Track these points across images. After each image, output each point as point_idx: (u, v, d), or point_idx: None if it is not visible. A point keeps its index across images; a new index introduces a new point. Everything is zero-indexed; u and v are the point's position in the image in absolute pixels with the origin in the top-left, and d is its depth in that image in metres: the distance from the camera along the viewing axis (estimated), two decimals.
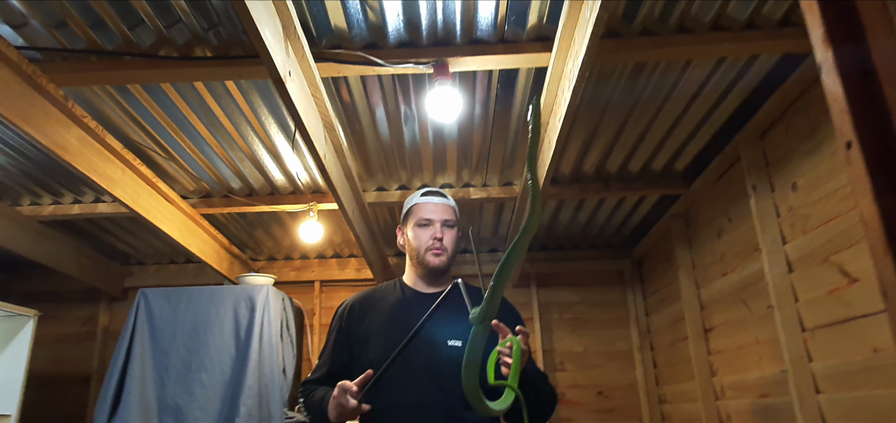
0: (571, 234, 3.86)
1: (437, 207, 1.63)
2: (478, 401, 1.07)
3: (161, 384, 2.97)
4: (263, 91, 2.12)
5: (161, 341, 3.05)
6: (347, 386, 1.35)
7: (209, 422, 2.89)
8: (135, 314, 3.07)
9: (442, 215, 1.62)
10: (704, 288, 3.04)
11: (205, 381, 2.97)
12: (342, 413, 1.38)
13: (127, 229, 3.46)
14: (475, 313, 1.01)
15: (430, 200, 1.64)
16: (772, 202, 2.30)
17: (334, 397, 1.39)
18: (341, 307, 1.70)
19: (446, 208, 1.63)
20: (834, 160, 1.92)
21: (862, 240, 1.81)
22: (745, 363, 2.66)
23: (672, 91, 2.15)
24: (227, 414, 2.89)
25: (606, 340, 4.01)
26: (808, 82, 1.97)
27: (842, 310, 1.93)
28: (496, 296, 0.96)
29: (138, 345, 3.00)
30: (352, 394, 1.34)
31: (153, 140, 2.43)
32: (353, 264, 4.05)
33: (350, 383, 1.36)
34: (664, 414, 3.79)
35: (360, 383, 1.36)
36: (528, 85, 2.14)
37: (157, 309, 3.11)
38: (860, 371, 1.86)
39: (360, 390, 1.36)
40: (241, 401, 2.84)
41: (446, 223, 1.60)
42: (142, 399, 2.89)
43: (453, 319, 1.50)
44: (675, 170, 2.88)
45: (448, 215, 1.62)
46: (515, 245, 0.93)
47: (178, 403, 2.93)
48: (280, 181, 2.88)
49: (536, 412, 1.51)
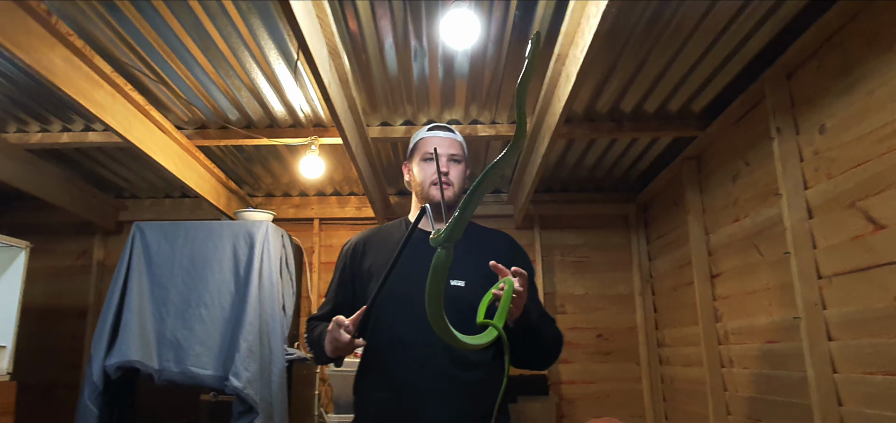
0: (578, 176, 3.77)
1: (444, 141, 1.59)
2: (444, 331, 1.02)
3: (159, 318, 2.92)
4: (264, 13, 1.97)
5: (158, 275, 2.98)
6: (341, 321, 1.37)
7: (209, 357, 2.86)
8: (130, 248, 2.98)
9: (448, 148, 1.58)
10: (714, 233, 2.98)
11: (204, 316, 2.92)
12: (337, 348, 1.40)
13: (119, 160, 3.34)
14: (437, 235, 0.93)
15: (436, 134, 1.61)
16: (795, 145, 2.20)
17: (329, 331, 1.41)
18: (346, 246, 1.69)
19: (453, 143, 1.59)
20: (870, 100, 1.82)
21: (893, 185, 1.73)
22: (753, 308, 2.63)
23: (701, 22, 2.02)
24: (227, 350, 2.85)
25: (608, 283, 3.98)
26: (848, 15, 1.85)
27: (864, 257, 1.87)
28: (463, 218, 0.89)
29: (135, 279, 2.93)
30: (345, 329, 1.36)
31: (144, 64, 2.28)
32: (353, 201, 3.96)
33: (344, 318, 1.38)
34: (662, 358, 3.80)
35: (353, 318, 1.37)
36: (549, 11, 2.00)
37: (154, 243, 3.02)
38: (879, 319, 1.82)
39: (353, 325, 1.37)
40: (241, 337, 2.79)
41: (453, 158, 1.57)
42: (141, 333, 2.84)
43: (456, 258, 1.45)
44: (692, 111, 2.77)
45: (455, 150, 1.58)
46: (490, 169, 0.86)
47: (178, 338, 2.89)
48: (280, 113, 2.75)
49: (536, 354, 1.50)
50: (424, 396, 1.42)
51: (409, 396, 1.44)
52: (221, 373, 2.83)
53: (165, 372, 2.85)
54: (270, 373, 2.88)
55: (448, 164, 1.56)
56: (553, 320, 1.57)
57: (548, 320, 1.54)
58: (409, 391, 1.44)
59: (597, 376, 3.85)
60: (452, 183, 1.55)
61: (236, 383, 2.71)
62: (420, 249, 1.49)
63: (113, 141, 2.77)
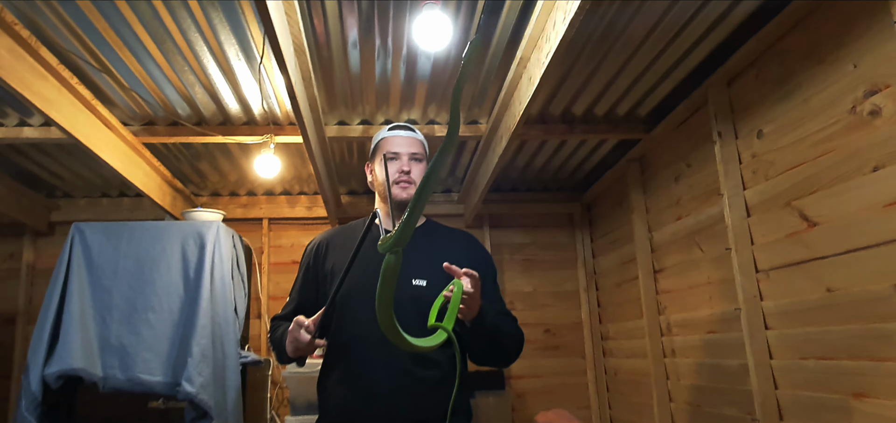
0: (526, 176, 3.88)
1: (405, 140, 1.62)
2: (393, 334, 1.05)
3: (103, 323, 2.78)
4: (227, 9, 1.92)
5: (101, 278, 2.83)
6: (301, 321, 1.39)
7: (158, 363, 2.75)
8: (69, 250, 2.82)
9: (409, 148, 1.61)
10: (657, 231, 3.15)
11: (152, 321, 2.80)
12: (298, 348, 1.41)
13: (54, 157, 3.14)
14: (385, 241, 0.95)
15: (397, 134, 1.63)
16: (735, 149, 2.37)
17: (289, 331, 1.42)
18: (310, 245, 1.71)
19: (414, 142, 1.63)
20: (804, 108, 1.99)
21: (826, 185, 1.90)
22: (695, 301, 2.80)
23: (652, 32, 2.14)
24: (177, 354, 2.76)
25: (555, 280, 4.12)
26: (786, 28, 2.02)
27: (799, 252, 2.04)
28: (409, 224, 0.91)
29: (76, 283, 2.77)
30: (306, 329, 1.37)
31: (92, 55, 2.17)
32: (303, 201, 3.90)
33: (304, 318, 1.39)
34: (606, 350, 3.97)
35: (314, 319, 1.39)
36: (513, 16, 2.06)
37: (95, 245, 2.88)
38: (812, 310, 1.99)
39: (313, 325, 1.39)
40: (193, 341, 2.70)
41: (414, 157, 1.60)
42: (83, 339, 2.70)
43: (419, 258, 1.50)
44: (639, 114, 2.92)
45: (416, 149, 1.61)
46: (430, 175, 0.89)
47: (124, 344, 2.76)
48: (234, 110, 2.68)
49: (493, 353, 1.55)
50: (386, 393, 1.45)
51: (371, 393, 1.46)
52: (171, 379, 2.74)
53: (110, 380, 2.72)
54: (224, 377, 2.80)
55: (410, 163, 1.59)
56: (514, 318, 1.61)
57: (509, 320, 1.58)
58: (370, 388, 1.46)
59: (544, 370, 3.97)
60: (414, 182, 1.58)
61: (189, 388, 2.62)
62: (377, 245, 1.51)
63: (51, 137, 2.61)
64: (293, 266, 3.88)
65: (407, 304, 1.44)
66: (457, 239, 1.70)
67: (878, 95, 1.68)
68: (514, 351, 1.58)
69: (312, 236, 3.92)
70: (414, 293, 1.48)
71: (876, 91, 1.69)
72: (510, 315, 1.61)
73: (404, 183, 1.57)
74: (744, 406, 2.37)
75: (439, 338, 1.18)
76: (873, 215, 1.72)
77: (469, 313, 1.34)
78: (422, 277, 1.51)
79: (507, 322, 1.56)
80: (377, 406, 1.44)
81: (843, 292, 1.85)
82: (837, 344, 1.88)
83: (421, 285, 1.51)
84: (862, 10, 1.72)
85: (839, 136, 1.84)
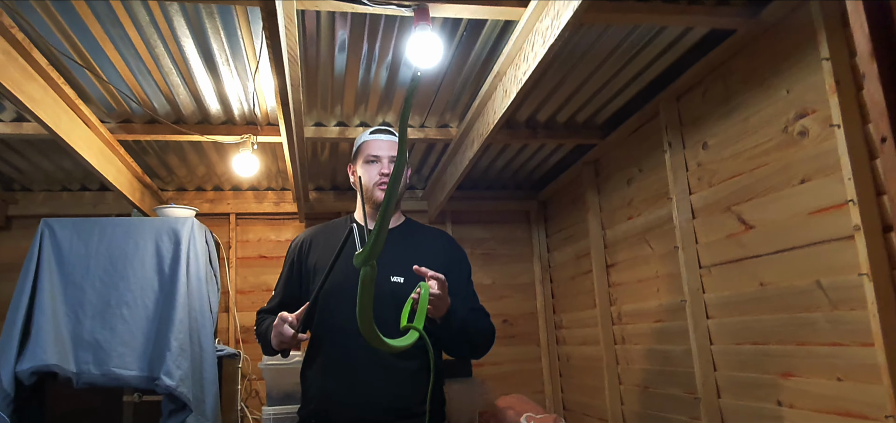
0: (488, 176, 4.08)
1: (386, 144, 1.72)
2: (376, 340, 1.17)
3: (75, 319, 2.78)
4: (224, 15, 2.00)
5: (72, 275, 2.83)
6: (286, 317, 1.48)
7: (134, 357, 2.78)
8: (39, 246, 2.80)
9: (389, 151, 1.70)
10: (610, 229, 3.42)
11: (126, 316, 2.83)
12: (282, 342, 1.50)
13: (16, 150, 3.08)
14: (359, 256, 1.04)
15: (378, 137, 1.73)
16: (683, 157, 2.65)
17: (274, 325, 1.51)
18: (295, 241, 1.81)
19: (394, 145, 1.72)
20: (744, 125, 2.27)
21: (761, 194, 2.18)
22: (644, 293, 3.08)
23: (615, 50, 2.37)
24: (154, 349, 2.79)
25: (512, 273, 4.35)
26: (730, 53, 2.29)
27: (736, 251, 2.33)
28: (379, 239, 1.01)
29: (46, 279, 2.76)
30: (289, 324, 1.47)
31: (75, 49, 2.18)
32: (270, 196, 3.96)
33: (288, 314, 1.49)
34: (559, 338, 4.24)
35: (297, 314, 1.49)
36: (493, 35, 2.24)
37: (65, 241, 2.86)
38: (747, 301, 2.28)
39: (297, 320, 1.48)
40: (171, 335, 2.75)
41: (394, 160, 1.66)
42: (56, 335, 2.69)
43: (397, 255, 1.64)
44: (596, 122, 3.16)
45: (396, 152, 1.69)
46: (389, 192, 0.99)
47: (97, 339, 2.77)
48: (214, 110, 2.73)
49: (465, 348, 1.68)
50: (366, 381, 1.56)
51: (351, 382, 1.57)
52: (148, 373, 2.78)
53: (85, 375, 2.73)
54: (202, 370, 2.87)
55: (389, 165, 1.69)
56: (486, 314, 1.74)
57: (481, 315, 1.72)
58: (350, 377, 1.57)
59: (502, 357, 4.20)
60: None
61: (169, 381, 2.68)
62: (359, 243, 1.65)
63: (24, 132, 2.59)
64: (260, 261, 3.94)
65: (386, 299, 1.56)
66: (434, 238, 1.83)
67: (807, 118, 1.97)
68: (484, 344, 1.71)
69: (280, 230, 4.00)
70: (392, 290, 1.60)
71: (805, 114, 1.98)
72: (483, 311, 1.74)
73: (384, 185, 1.68)
74: (687, 387, 2.66)
75: (412, 337, 1.31)
76: (800, 220, 2.01)
77: (437, 312, 1.46)
78: (400, 274, 1.63)
79: (479, 318, 1.70)
80: (357, 394, 1.56)
81: (774, 287, 2.14)
82: (768, 331, 2.17)
83: (399, 281, 1.63)
84: (795, 44, 2.00)
85: (773, 151, 2.13)
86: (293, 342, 1.51)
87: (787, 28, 2.03)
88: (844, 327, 1.85)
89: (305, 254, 1.74)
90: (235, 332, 3.76)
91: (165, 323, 2.81)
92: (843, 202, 1.80)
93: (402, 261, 1.64)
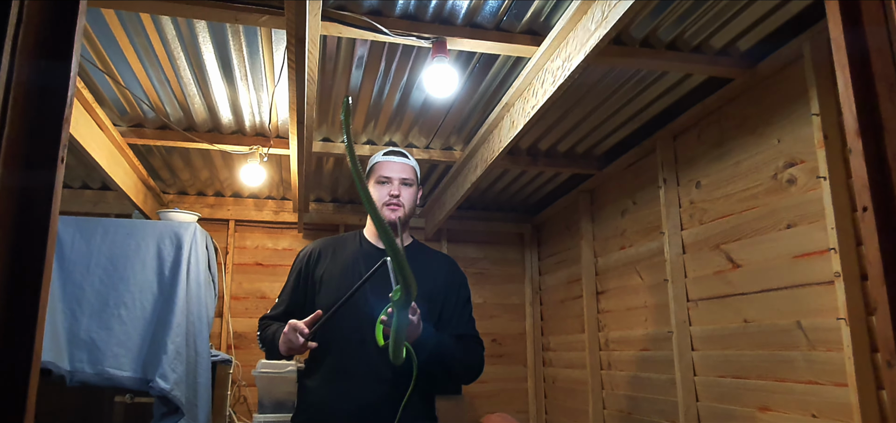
0: (484, 198, 4.17)
1: (397, 165, 1.76)
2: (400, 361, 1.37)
3: (72, 317, 2.81)
4: (249, 35, 2.09)
5: (72, 273, 2.86)
6: (298, 326, 1.53)
7: (129, 358, 2.81)
8: None
9: (400, 173, 1.75)
10: (602, 257, 3.53)
11: (124, 317, 2.86)
12: (291, 349, 1.55)
13: None
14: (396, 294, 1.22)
15: (391, 159, 1.77)
16: (676, 194, 2.76)
17: (285, 333, 1.56)
18: (303, 252, 1.85)
19: (405, 167, 1.76)
20: (736, 169, 2.39)
21: (749, 235, 2.30)
22: (632, 322, 3.18)
23: (618, 89, 2.49)
24: (149, 351, 2.83)
25: (503, 293, 4.44)
26: (724, 100, 2.42)
27: (723, 288, 2.45)
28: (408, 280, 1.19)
29: None
30: (301, 333, 1.52)
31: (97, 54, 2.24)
32: (270, 205, 4.02)
33: (300, 323, 1.53)
34: (546, 360, 4.33)
35: (309, 323, 1.53)
36: (504, 69, 2.35)
37: (68, 238, 2.89)
38: (731, 336, 2.39)
39: (309, 329, 1.53)
40: (168, 339, 2.78)
41: (404, 182, 1.74)
42: (51, 333, 2.72)
43: None
44: (595, 153, 3.28)
45: (407, 174, 1.75)
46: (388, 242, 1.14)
47: (93, 338, 2.80)
48: (226, 120, 2.80)
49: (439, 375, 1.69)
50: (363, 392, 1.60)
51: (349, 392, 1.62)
52: (141, 375, 2.80)
53: (78, 373, 2.75)
54: (196, 374, 2.90)
55: (399, 187, 1.73)
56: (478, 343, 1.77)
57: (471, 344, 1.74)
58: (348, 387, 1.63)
59: (490, 376, 4.27)
60: (403, 204, 1.73)
61: (163, 384, 2.71)
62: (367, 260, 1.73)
63: None
64: (256, 268, 3.99)
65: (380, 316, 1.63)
66: (436, 261, 1.87)
67: (795, 167, 2.09)
68: (463, 374, 1.75)
69: (277, 239, 4.05)
70: None
71: (793, 164, 2.10)
72: (474, 339, 1.78)
73: (393, 206, 1.72)
74: (669, 415, 2.76)
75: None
76: (784, 263, 2.13)
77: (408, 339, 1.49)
78: None
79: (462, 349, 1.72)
80: (354, 403, 1.60)
81: (757, 324, 2.25)
82: (749, 366, 2.28)
83: None
84: (788, 97, 2.13)
85: (762, 196, 2.25)
86: (303, 350, 1.57)
87: (780, 81, 2.16)
88: (821, 366, 1.96)
89: (313, 265, 1.79)
90: (228, 337, 3.79)
91: (163, 326, 2.85)
92: (826, 249, 1.92)
93: None
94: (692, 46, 2.13)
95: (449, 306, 1.74)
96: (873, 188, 0.89)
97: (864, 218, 0.91)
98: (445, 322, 1.72)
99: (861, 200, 0.91)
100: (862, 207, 0.91)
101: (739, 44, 2.13)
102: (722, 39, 2.10)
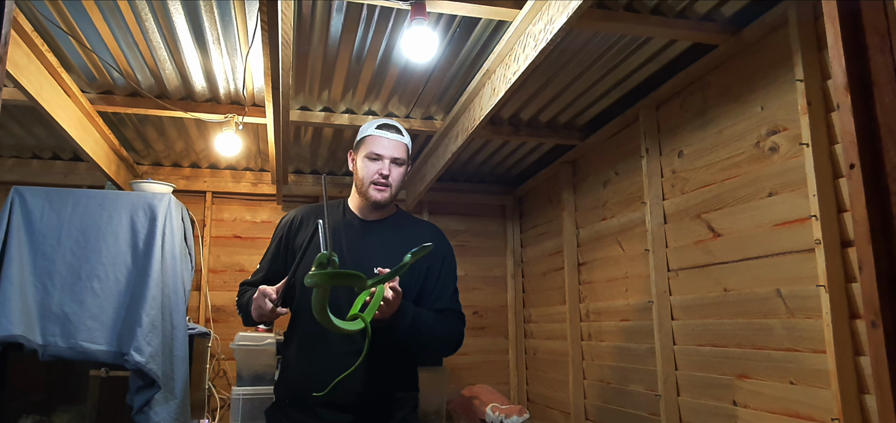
0: (466, 169, 4.13)
1: (390, 143, 1.67)
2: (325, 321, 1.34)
3: (44, 290, 2.74)
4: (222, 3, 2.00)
5: (43, 245, 2.78)
6: (267, 291, 1.51)
7: (103, 332, 2.75)
8: (8, 214, 2.74)
9: (393, 152, 1.67)
10: (584, 228, 3.52)
11: (97, 289, 2.79)
12: (261, 314, 1.54)
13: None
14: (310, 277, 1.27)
15: (384, 134, 1.68)
16: (658, 164, 2.75)
17: (254, 299, 1.54)
18: (285, 218, 1.81)
19: (398, 146, 1.69)
20: (718, 138, 2.38)
21: (730, 204, 2.30)
22: (613, 293, 3.19)
23: (601, 56, 2.45)
24: (123, 324, 2.77)
25: (485, 266, 4.43)
26: (708, 68, 2.39)
27: (703, 257, 2.45)
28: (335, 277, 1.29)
29: (15, 248, 2.71)
30: (270, 299, 1.50)
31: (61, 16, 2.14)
32: (248, 177, 3.93)
33: (269, 288, 1.51)
34: (527, 332, 4.35)
35: (277, 288, 1.51)
36: (485, 34, 2.29)
37: (37, 210, 2.81)
38: (710, 305, 2.40)
39: (277, 294, 1.51)
40: (143, 312, 2.73)
41: (396, 161, 1.67)
42: (22, 306, 2.65)
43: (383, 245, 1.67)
44: (577, 123, 3.25)
45: (399, 153, 1.68)
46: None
47: (66, 311, 2.73)
48: (200, 87, 2.71)
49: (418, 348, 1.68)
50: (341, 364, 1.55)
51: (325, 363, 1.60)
52: (116, 348, 2.75)
53: (51, 347, 2.69)
54: (172, 348, 2.85)
55: (390, 166, 1.66)
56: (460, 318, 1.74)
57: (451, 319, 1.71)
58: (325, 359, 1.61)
59: (471, 348, 4.28)
60: (390, 185, 1.67)
61: (138, 358, 2.66)
62: (348, 231, 1.69)
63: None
64: (235, 240, 3.92)
65: None
66: (422, 232, 1.81)
67: (778, 135, 2.08)
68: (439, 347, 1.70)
69: (256, 211, 3.99)
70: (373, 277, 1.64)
71: (776, 131, 2.09)
72: (456, 314, 1.74)
73: (382, 186, 1.66)
74: (648, 384, 2.78)
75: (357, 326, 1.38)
76: (765, 231, 2.13)
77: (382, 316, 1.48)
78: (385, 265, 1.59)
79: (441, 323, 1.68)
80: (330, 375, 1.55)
81: (737, 293, 2.26)
82: (728, 334, 2.29)
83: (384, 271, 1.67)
84: (772, 64, 2.10)
85: (744, 164, 2.24)
86: (272, 316, 1.54)
87: (765, 47, 2.14)
88: (799, 334, 1.98)
89: (294, 232, 1.75)
90: (206, 311, 3.73)
91: (137, 299, 2.79)
92: (807, 217, 1.92)
93: (389, 250, 1.66)
94: (676, 11, 2.10)
95: (433, 277, 1.71)
96: (861, 145, 0.87)
97: (851, 176, 0.89)
98: (428, 293, 1.69)
99: (848, 157, 0.89)
100: (849, 164, 0.89)
101: (723, 8, 2.10)
102: (706, 4, 2.06)
